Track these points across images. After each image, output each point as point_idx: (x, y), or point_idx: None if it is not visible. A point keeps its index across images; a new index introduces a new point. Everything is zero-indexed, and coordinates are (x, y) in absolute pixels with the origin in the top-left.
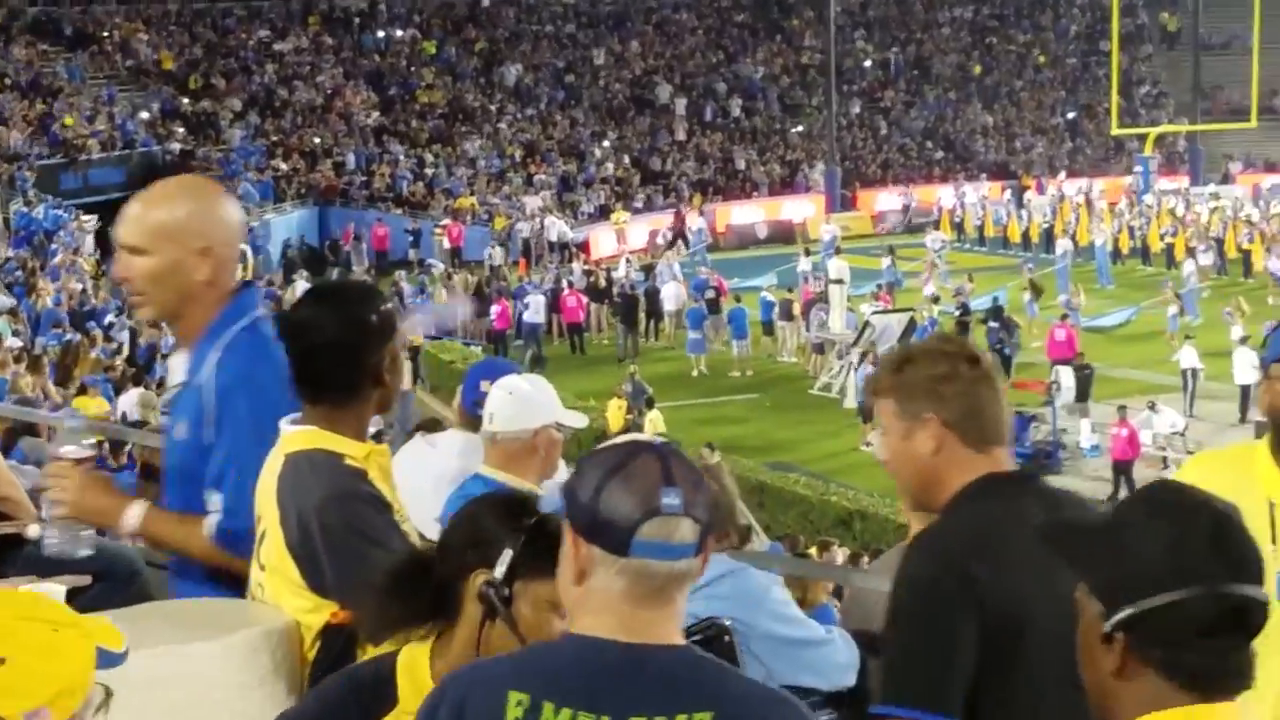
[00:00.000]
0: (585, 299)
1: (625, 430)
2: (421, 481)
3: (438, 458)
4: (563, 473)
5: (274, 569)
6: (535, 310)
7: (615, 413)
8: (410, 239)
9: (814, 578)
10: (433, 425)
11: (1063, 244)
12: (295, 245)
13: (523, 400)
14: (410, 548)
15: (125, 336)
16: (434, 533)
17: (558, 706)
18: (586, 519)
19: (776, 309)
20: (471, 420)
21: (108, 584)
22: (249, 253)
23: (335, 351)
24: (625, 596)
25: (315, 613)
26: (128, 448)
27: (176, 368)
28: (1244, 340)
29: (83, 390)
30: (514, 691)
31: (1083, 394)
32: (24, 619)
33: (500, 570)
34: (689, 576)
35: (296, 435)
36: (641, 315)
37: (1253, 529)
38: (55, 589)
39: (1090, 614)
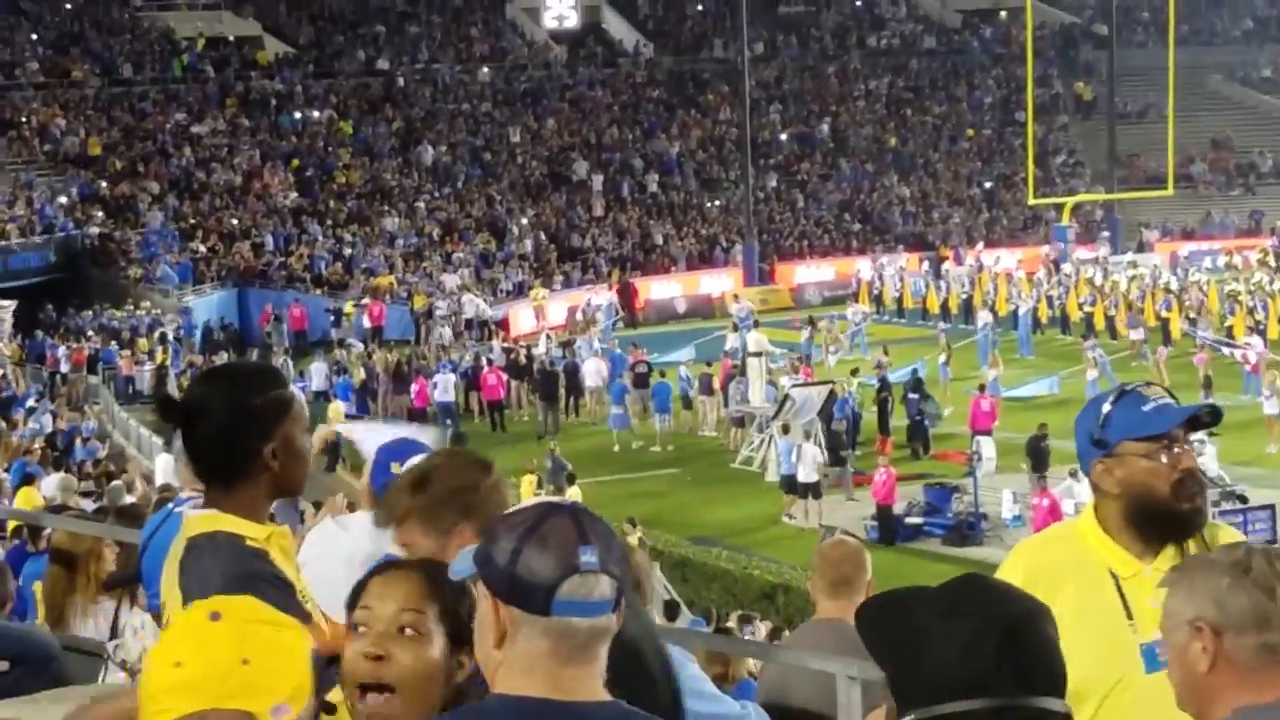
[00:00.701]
0: (505, 376)
1: None
2: (333, 565)
3: (348, 540)
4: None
5: None
6: (445, 389)
7: (528, 489)
8: (331, 318)
9: (733, 654)
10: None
11: (983, 315)
12: (217, 326)
13: None
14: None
15: (46, 420)
16: (344, 616)
17: None
18: (505, 582)
19: (696, 383)
20: (379, 501)
21: (25, 668)
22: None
23: (217, 433)
24: (551, 655)
25: None
26: (47, 533)
27: None
28: None
29: (29, 481)
30: None
31: (1041, 464)
32: (253, 622)
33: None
34: (609, 632)
35: (198, 519)
36: (561, 391)
37: (1103, 605)
38: None
39: (887, 711)
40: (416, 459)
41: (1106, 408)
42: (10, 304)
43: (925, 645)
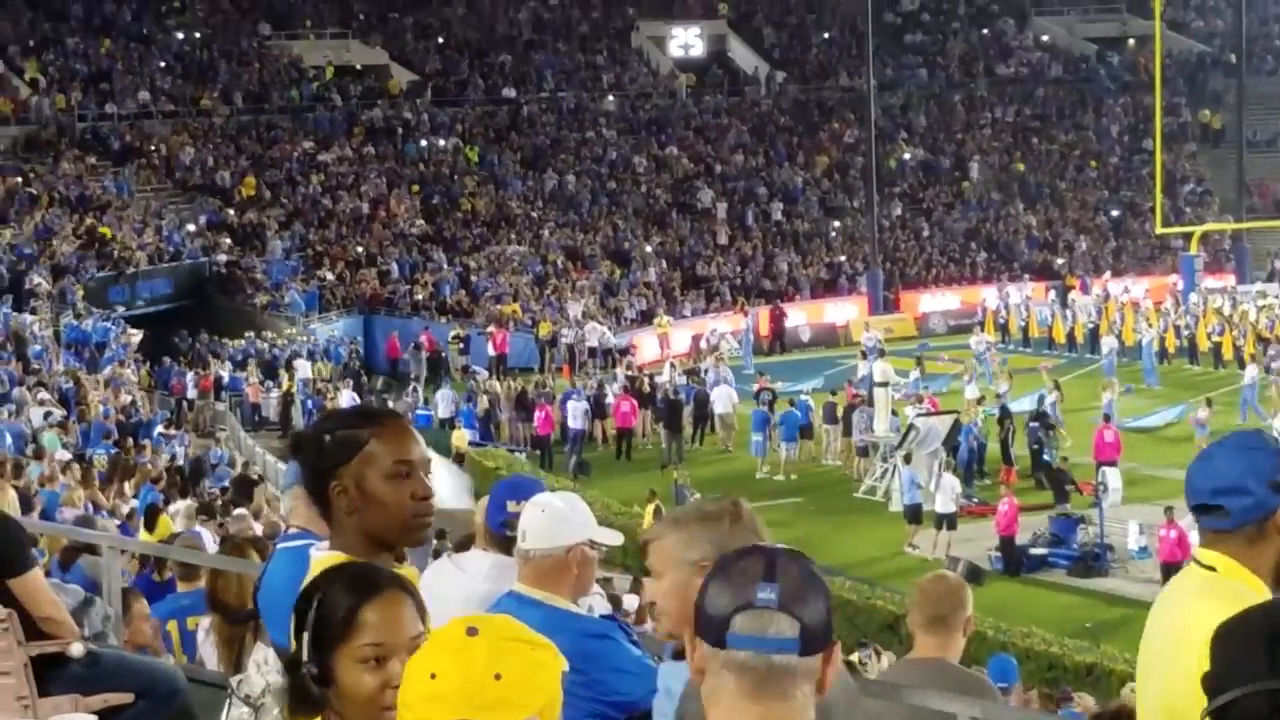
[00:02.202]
0: (635, 404)
1: None
2: (450, 606)
3: (465, 580)
4: (596, 597)
5: None
6: (575, 416)
7: (649, 518)
8: (461, 345)
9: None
10: (466, 542)
11: (1108, 342)
12: (346, 353)
13: (556, 517)
14: None
15: (177, 448)
16: None
17: None
18: (697, 615)
19: (820, 412)
20: (497, 540)
21: (150, 701)
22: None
23: (304, 472)
24: (737, 692)
25: None
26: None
27: None
28: None
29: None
30: None
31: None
32: (508, 639)
33: (304, 650)
34: (797, 673)
35: (324, 560)
36: (687, 420)
37: None
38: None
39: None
40: (541, 495)
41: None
42: (138, 333)
43: (1223, 647)
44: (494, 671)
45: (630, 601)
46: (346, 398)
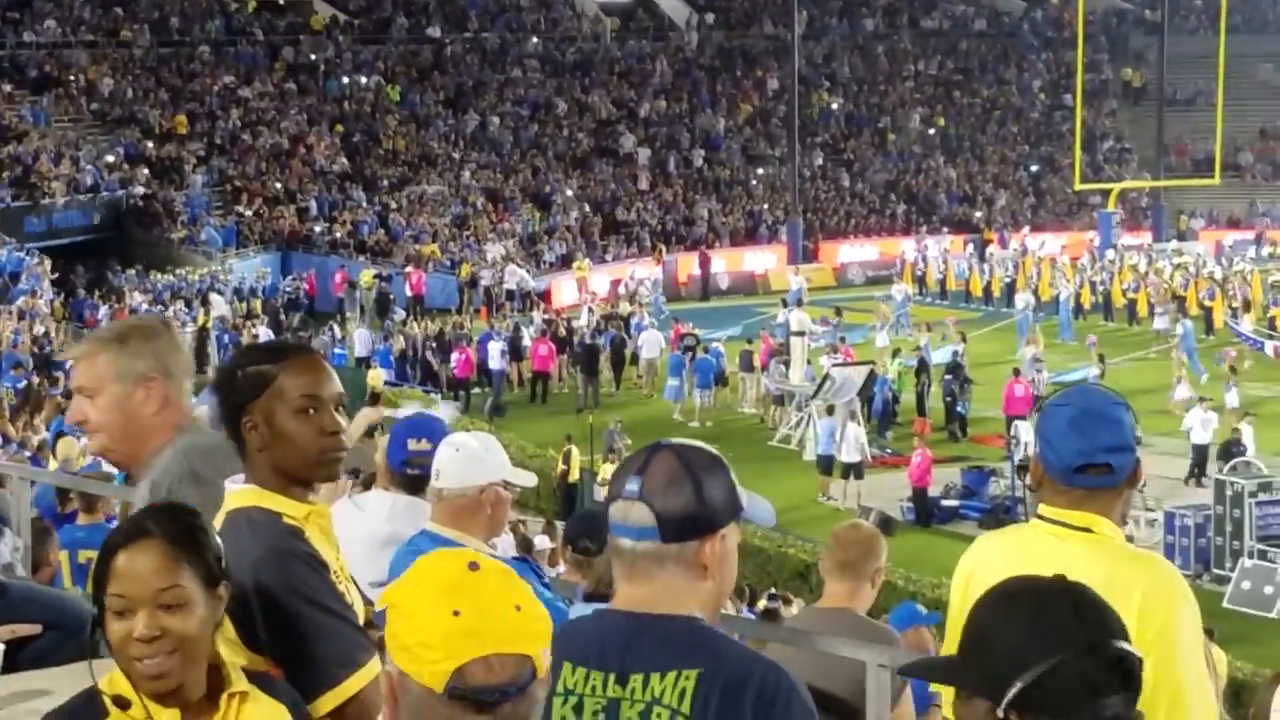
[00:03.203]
0: (553, 348)
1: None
2: (351, 545)
3: (366, 520)
4: (507, 539)
5: None
6: (495, 357)
7: (575, 460)
8: (382, 285)
9: (764, 638)
10: (369, 482)
11: (1023, 298)
12: (267, 289)
13: (470, 458)
14: (348, 609)
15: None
16: (368, 595)
17: (574, 665)
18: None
19: (738, 359)
20: (399, 478)
21: (58, 633)
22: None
23: (220, 406)
24: (619, 574)
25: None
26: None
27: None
28: (1201, 400)
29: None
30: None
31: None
32: (505, 571)
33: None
34: (664, 558)
35: (238, 493)
36: (604, 365)
37: None
38: None
39: (979, 714)
40: (457, 435)
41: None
42: (47, 260)
43: (999, 633)
44: (513, 603)
45: (541, 542)
46: (264, 334)
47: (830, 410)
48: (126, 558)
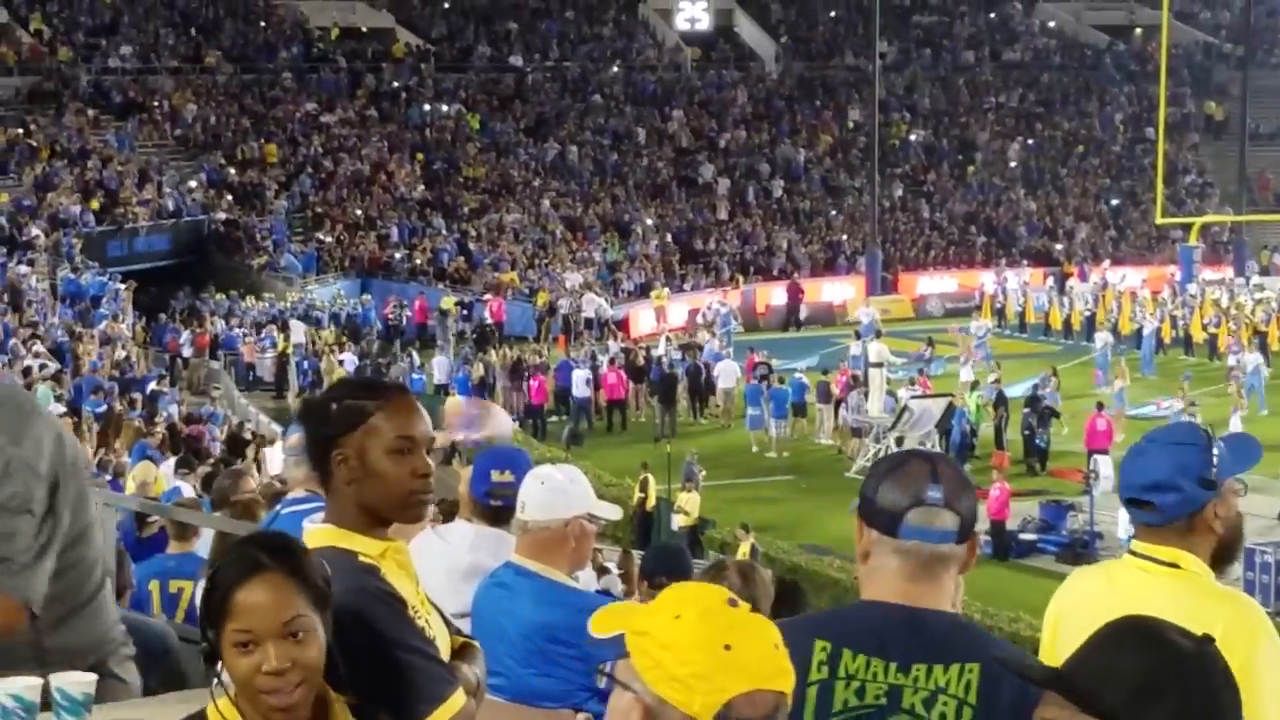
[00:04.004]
0: (626, 376)
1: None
2: (432, 576)
3: (448, 551)
4: (589, 571)
5: None
6: (579, 385)
7: (653, 488)
8: (464, 312)
9: None
10: (451, 512)
11: (1102, 336)
12: (350, 316)
13: (556, 490)
14: (428, 643)
15: (173, 407)
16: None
17: (854, 653)
18: (868, 507)
19: (814, 391)
20: (481, 509)
21: (141, 660)
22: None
23: (309, 438)
24: (899, 573)
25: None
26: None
27: None
28: None
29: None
30: (819, 640)
31: None
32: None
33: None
34: (952, 559)
35: (315, 533)
36: (682, 394)
37: None
38: (87, 677)
39: None
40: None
41: (1218, 448)
42: (130, 284)
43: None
44: (774, 642)
45: (612, 567)
46: (348, 360)
47: (900, 442)
48: (246, 593)
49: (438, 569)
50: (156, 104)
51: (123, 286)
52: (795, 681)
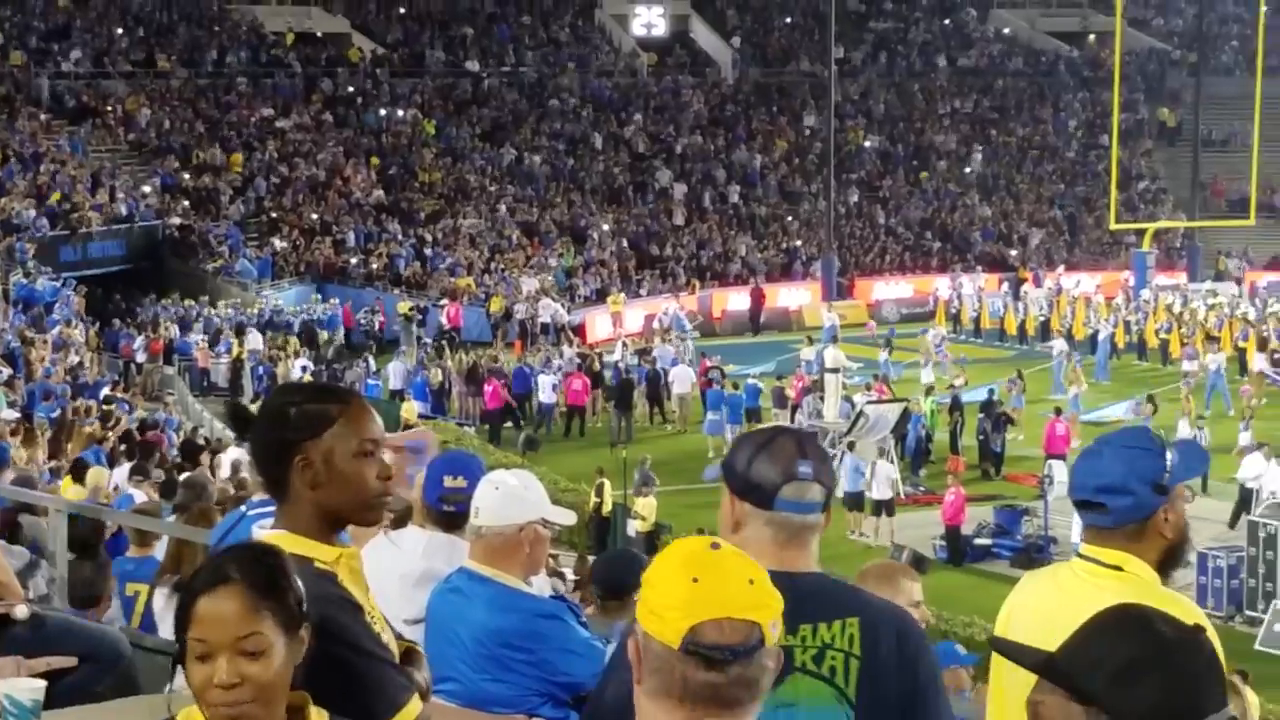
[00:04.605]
0: (588, 381)
1: (613, 511)
2: (386, 582)
3: (401, 558)
4: (543, 577)
5: None
6: (545, 390)
7: (608, 493)
8: (420, 317)
9: None
10: (403, 518)
11: (1058, 344)
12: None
13: (510, 495)
14: (385, 649)
15: (125, 410)
16: (405, 632)
17: None
18: (740, 483)
19: (771, 396)
20: (435, 515)
21: (94, 666)
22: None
23: (260, 446)
24: (774, 541)
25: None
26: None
27: None
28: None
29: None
30: None
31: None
32: (741, 553)
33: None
34: (818, 527)
35: (264, 538)
36: (639, 399)
37: None
38: (36, 684)
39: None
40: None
41: (1171, 454)
42: (81, 289)
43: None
44: (747, 578)
45: (567, 573)
46: (299, 365)
47: (852, 446)
48: (208, 603)
49: (391, 575)
50: (110, 109)
51: (72, 292)
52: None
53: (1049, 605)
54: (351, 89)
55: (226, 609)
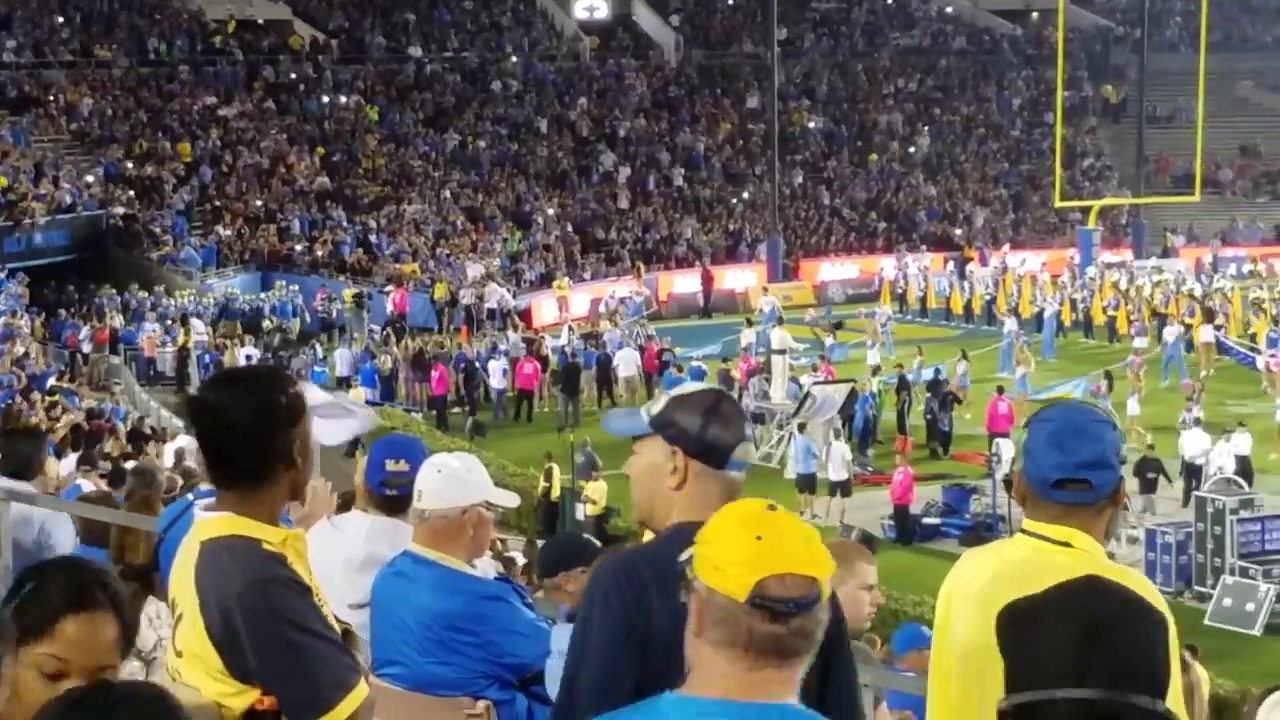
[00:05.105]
0: (538, 366)
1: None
2: (328, 566)
3: (344, 542)
4: (487, 560)
5: (193, 655)
6: (496, 375)
7: (557, 479)
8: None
9: None
10: (347, 501)
11: (1009, 323)
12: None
13: (452, 478)
14: (333, 631)
15: (72, 401)
16: (346, 616)
17: None
18: (696, 443)
19: (716, 378)
20: (377, 499)
21: None
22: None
23: (244, 435)
24: (721, 496)
25: (237, 697)
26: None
27: None
28: (1198, 420)
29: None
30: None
31: (1149, 487)
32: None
33: None
34: (743, 481)
35: (211, 522)
36: (587, 383)
37: None
38: None
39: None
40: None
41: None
42: (23, 279)
43: (1032, 636)
44: (805, 537)
45: (517, 557)
46: (244, 354)
47: (803, 428)
48: (78, 625)
49: (334, 560)
50: (52, 98)
51: (14, 282)
52: (677, 598)
53: (995, 581)
54: (294, 76)
55: (100, 632)
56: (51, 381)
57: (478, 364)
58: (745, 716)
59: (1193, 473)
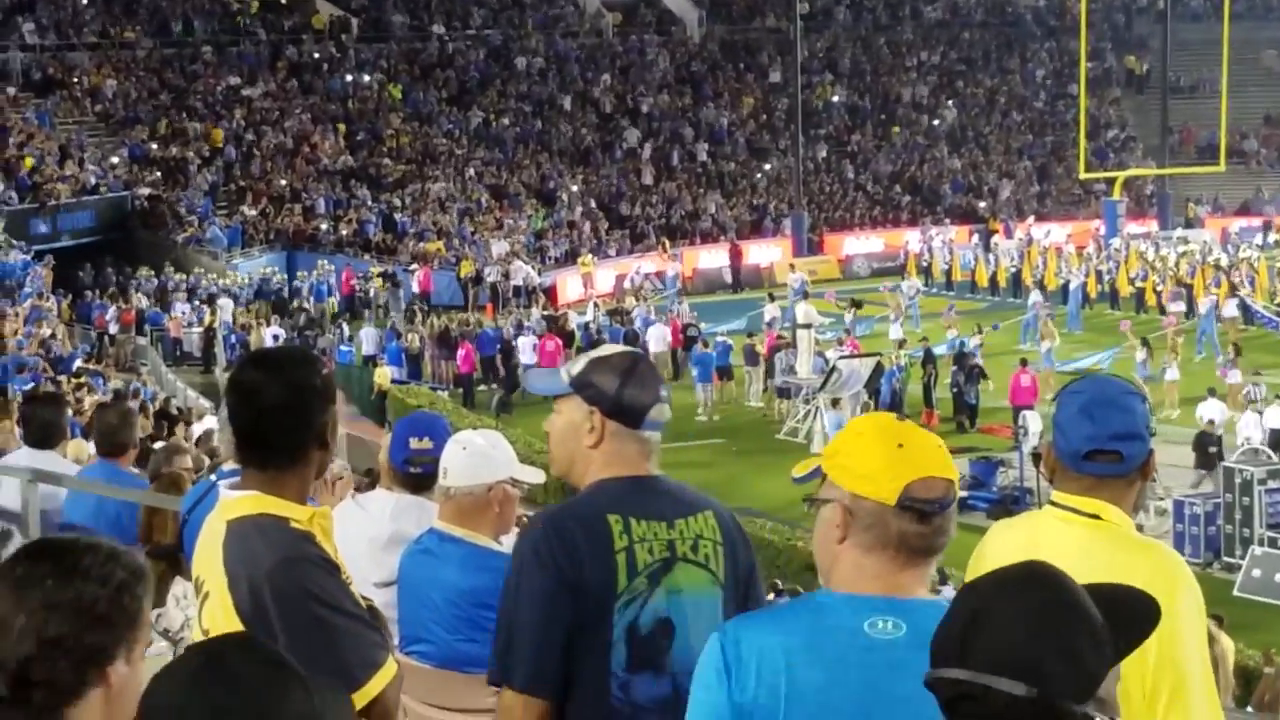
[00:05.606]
0: (560, 343)
1: None
2: (354, 545)
3: (369, 521)
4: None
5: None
6: (526, 351)
7: None
8: (391, 283)
9: None
10: (372, 480)
11: (1034, 295)
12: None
13: (477, 455)
14: (361, 609)
15: (99, 382)
16: (371, 594)
17: (638, 519)
18: (612, 403)
19: (743, 354)
20: (401, 477)
21: None
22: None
23: (283, 416)
24: (639, 454)
25: None
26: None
27: None
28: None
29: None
30: (610, 515)
31: (1207, 463)
32: None
33: None
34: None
35: (239, 501)
36: None
37: None
38: None
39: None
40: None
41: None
42: (46, 262)
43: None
44: (937, 444)
45: None
46: (271, 334)
47: (835, 403)
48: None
49: (359, 539)
50: (76, 80)
51: (40, 264)
52: (605, 550)
53: (1024, 554)
54: (317, 55)
55: None
56: (78, 363)
57: (512, 342)
58: (907, 610)
59: (1204, 440)
